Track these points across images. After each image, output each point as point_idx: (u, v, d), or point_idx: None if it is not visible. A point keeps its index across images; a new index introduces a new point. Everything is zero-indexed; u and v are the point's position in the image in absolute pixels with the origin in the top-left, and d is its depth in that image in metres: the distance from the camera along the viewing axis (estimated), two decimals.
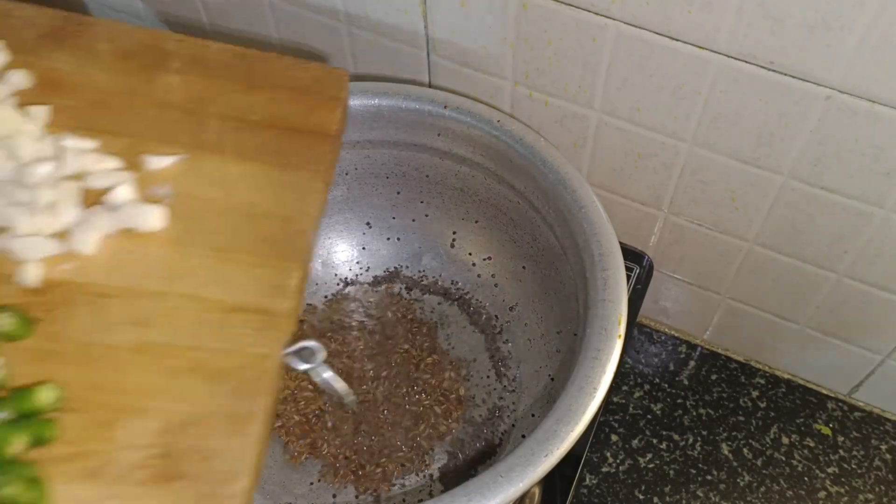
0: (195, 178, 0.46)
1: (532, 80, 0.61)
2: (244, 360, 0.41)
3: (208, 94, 0.49)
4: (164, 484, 0.38)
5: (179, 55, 0.50)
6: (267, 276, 0.44)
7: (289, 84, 0.51)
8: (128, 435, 0.39)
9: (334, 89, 0.51)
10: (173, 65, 0.50)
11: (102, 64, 0.49)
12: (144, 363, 0.41)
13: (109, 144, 0.46)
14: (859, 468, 0.70)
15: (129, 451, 0.38)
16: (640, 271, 0.71)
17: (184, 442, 0.39)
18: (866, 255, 0.60)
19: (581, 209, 0.56)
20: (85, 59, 0.49)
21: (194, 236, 0.45)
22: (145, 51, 0.50)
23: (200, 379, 0.41)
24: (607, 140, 0.62)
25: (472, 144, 0.62)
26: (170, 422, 0.39)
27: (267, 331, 0.42)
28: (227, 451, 0.39)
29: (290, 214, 0.46)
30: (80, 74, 0.49)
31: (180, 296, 0.43)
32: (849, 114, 0.51)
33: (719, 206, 0.63)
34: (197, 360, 0.41)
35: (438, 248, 0.71)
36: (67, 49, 0.49)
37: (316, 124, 0.49)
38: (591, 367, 0.49)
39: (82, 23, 0.50)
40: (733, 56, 0.51)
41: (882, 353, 0.68)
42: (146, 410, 0.40)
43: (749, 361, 0.77)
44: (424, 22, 0.61)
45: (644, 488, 0.69)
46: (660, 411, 0.73)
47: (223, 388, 0.40)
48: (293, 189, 0.47)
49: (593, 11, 0.53)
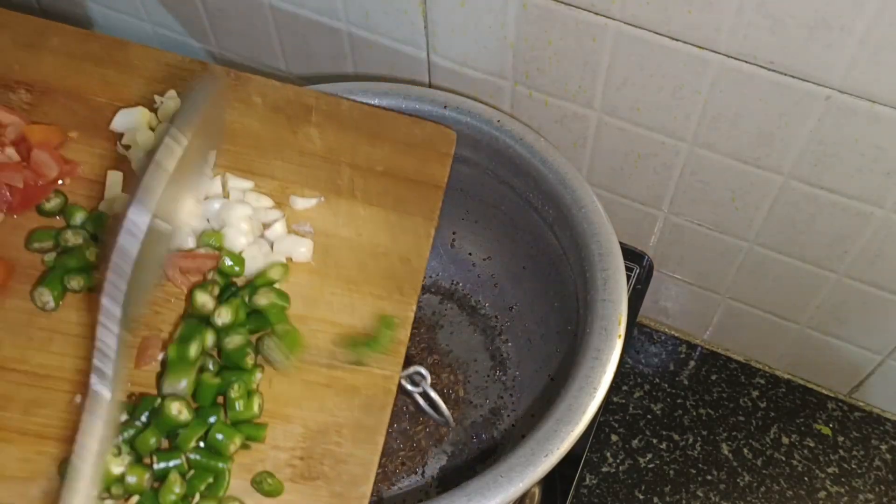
0: (331, 218, 0.53)
1: (532, 80, 0.61)
2: (371, 379, 0.47)
3: (341, 145, 0.56)
4: (304, 482, 0.44)
5: (318, 110, 0.57)
6: (388, 307, 0.50)
7: (406, 139, 0.57)
8: (277, 437, 0.45)
9: (445, 146, 0.57)
10: (313, 118, 0.57)
11: (256, 115, 0.56)
12: (289, 377, 0.47)
13: (262, 185, 0.53)
14: (859, 468, 0.70)
15: (277, 451, 0.44)
16: (640, 271, 0.71)
17: (321, 447, 0.45)
18: (866, 255, 0.60)
19: (581, 209, 0.56)
20: (243, 110, 0.56)
21: (330, 269, 0.51)
22: (290, 105, 0.57)
23: (334, 393, 0.47)
24: (607, 140, 0.62)
25: (472, 144, 0.62)
26: (309, 428, 0.45)
27: (388, 355, 0.48)
28: (357, 457, 0.45)
29: (407, 255, 0.52)
30: (239, 123, 0.55)
31: (319, 320, 0.49)
32: (849, 114, 0.51)
33: (719, 206, 0.63)
34: (332, 377, 0.47)
35: (438, 248, 0.71)
36: (228, 102, 0.56)
37: (429, 176, 0.56)
38: (591, 367, 0.49)
39: (239, 77, 0.57)
40: (733, 56, 0.51)
41: (882, 353, 0.68)
42: (290, 417, 0.45)
43: (749, 361, 0.77)
44: (424, 22, 0.61)
45: (644, 488, 0.69)
46: (660, 411, 0.73)
47: (354, 402, 0.46)
48: (410, 232, 0.53)
49: (593, 11, 0.53)
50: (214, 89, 0.49)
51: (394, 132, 0.57)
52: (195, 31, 0.75)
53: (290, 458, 0.44)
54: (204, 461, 0.43)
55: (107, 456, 0.41)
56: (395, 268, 0.51)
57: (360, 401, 0.46)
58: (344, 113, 0.57)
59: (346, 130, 0.56)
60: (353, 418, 0.46)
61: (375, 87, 0.62)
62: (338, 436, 0.45)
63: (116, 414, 0.42)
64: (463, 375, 0.66)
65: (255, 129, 0.55)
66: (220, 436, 0.43)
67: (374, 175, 0.55)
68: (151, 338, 0.46)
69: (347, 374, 0.47)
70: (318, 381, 0.47)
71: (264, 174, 0.54)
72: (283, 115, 0.56)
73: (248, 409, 0.44)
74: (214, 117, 0.50)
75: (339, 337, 0.48)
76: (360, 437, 0.45)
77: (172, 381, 0.44)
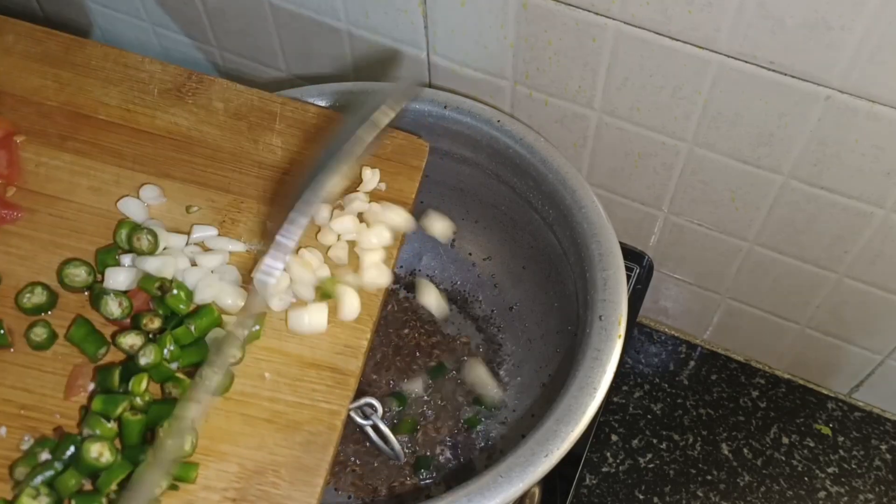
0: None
1: (532, 80, 0.61)
2: (315, 414, 0.45)
3: (304, 156, 0.53)
4: None
5: (283, 116, 0.55)
6: (342, 336, 0.48)
7: (376, 152, 0.54)
8: (209, 477, 0.42)
9: (416, 159, 0.55)
10: (277, 126, 0.55)
11: (216, 121, 0.54)
12: (227, 410, 0.45)
13: (216, 199, 0.52)
14: (859, 468, 0.70)
15: (209, 491, 0.42)
16: (640, 271, 0.71)
17: (256, 488, 0.42)
18: (866, 255, 0.60)
19: (581, 209, 0.56)
20: (202, 116, 0.54)
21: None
22: (253, 111, 0.55)
23: (275, 429, 0.44)
24: (607, 140, 0.62)
25: (472, 144, 0.62)
26: (245, 468, 0.43)
27: (337, 388, 0.46)
28: (294, 499, 0.42)
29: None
30: (197, 131, 0.53)
31: (264, 349, 0.47)
32: (849, 114, 0.51)
33: (719, 206, 0.63)
34: (274, 412, 0.45)
35: (438, 248, 0.71)
36: (187, 106, 0.54)
37: (396, 192, 0.54)
38: (591, 367, 0.49)
39: (202, 80, 0.55)
40: (733, 56, 0.51)
41: (882, 353, 0.68)
42: (225, 455, 0.43)
43: (749, 361, 0.77)
44: (424, 22, 0.61)
45: (644, 488, 0.69)
46: (660, 411, 0.73)
47: (295, 439, 0.44)
48: None
49: (593, 11, 0.53)
50: (413, 93, 0.48)
51: None
52: (195, 31, 0.75)
53: (222, 500, 0.42)
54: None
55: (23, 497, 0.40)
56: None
57: (301, 438, 0.44)
58: (310, 121, 0.55)
59: (311, 141, 0.54)
60: (293, 457, 0.43)
61: (375, 87, 0.62)
62: (275, 476, 0.43)
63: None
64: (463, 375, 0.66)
65: (214, 137, 0.53)
66: None
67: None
68: (82, 366, 0.45)
69: (291, 409, 0.45)
70: (258, 416, 0.45)
71: (219, 187, 0.52)
72: (245, 122, 0.54)
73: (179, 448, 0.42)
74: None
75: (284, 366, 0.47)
76: (299, 478, 0.43)
77: (94, 425, 0.42)
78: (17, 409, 0.44)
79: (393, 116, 0.46)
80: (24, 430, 0.43)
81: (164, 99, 0.54)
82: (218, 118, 0.54)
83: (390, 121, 0.47)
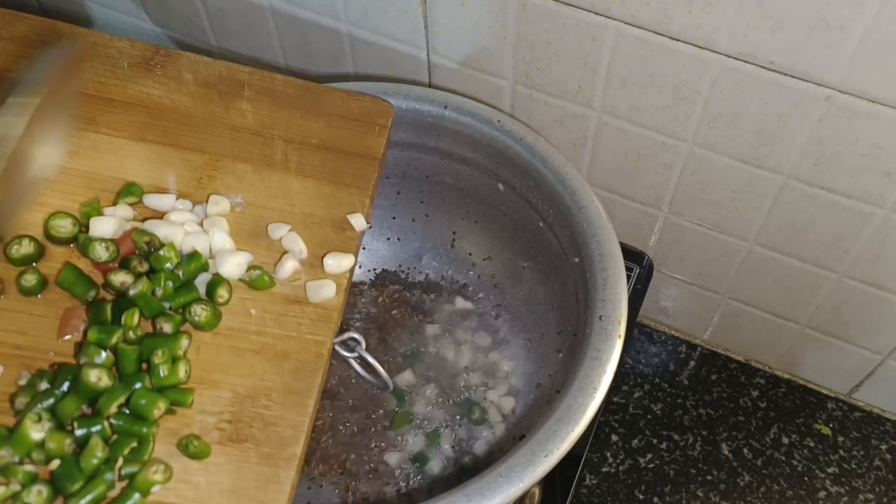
0: (263, 190, 0.53)
1: (532, 80, 0.61)
2: (302, 345, 0.48)
3: (274, 119, 0.56)
4: (233, 444, 0.44)
5: (251, 85, 0.57)
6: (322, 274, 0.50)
7: (342, 113, 0.58)
8: (204, 402, 0.45)
9: (382, 119, 0.58)
10: (246, 93, 0.57)
11: (186, 91, 0.56)
12: (217, 344, 0.47)
13: (192, 159, 0.54)
14: (859, 468, 0.70)
15: (204, 415, 0.45)
16: (640, 271, 0.71)
17: (250, 410, 0.45)
18: (866, 255, 0.60)
19: (581, 209, 0.56)
20: (172, 86, 0.56)
21: (261, 240, 0.51)
22: (222, 81, 0.57)
23: (264, 359, 0.47)
24: (607, 140, 0.62)
25: (472, 144, 0.62)
26: (237, 393, 0.46)
27: (321, 322, 0.49)
28: (287, 419, 0.45)
29: (341, 224, 0.53)
30: (169, 100, 0.55)
31: (248, 287, 0.49)
32: (849, 114, 0.51)
33: (719, 206, 0.63)
34: (262, 344, 0.47)
35: (438, 248, 0.71)
36: (157, 77, 0.56)
37: (365, 148, 0.56)
38: (591, 367, 0.49)
39: (169, 55, 0.57)
40: (733, 56, 0.51)
41: (882, 353, 0.68)
42: (218, 383, 0.46)
43: (749, 361, 0.77)
44: (424, 22, 0.61)
45: (644, 488, 0.69)
46: (660, 411, 0.73)
47: (284, 367, 0.47)
48: (345, 203, 0.54)
49: (593, 11, 0.53)
50: (69, 55, 0.48)
51: (329, 106, 0.57)
52: (195, 31, 0.75)
53: (218, 422, 0.44)
54: (126, 426, 0.43)
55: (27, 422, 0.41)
56: (329, 236, 0.52)
57: (290, 366, 0.47)
58: (278, 88, 0.57)
59: (280, 105, 0.57)
60: (283, 383, 0.46)
61: (375, 87, 0.62)
62: (267, 399, 0.45)
63: None
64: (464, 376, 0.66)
65: (185, 105, 0.55)
66: (143, 401, 0.43)
67: (308, 148, 0.55)
68: (75, 308, 0.46)
69: (277, 341, 0.47)
70: (247, 348, 0.47)
71: (194, 148, 0.54)
72: (215, 91, 0.56)
73: (174, 374, 0.44)
74: (66, 86, 0.50)
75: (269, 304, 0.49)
76: (291, 401, 0.46)
77: (91, 353, 0.44)
78: (12, 350, 0.45)
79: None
80: (21, 367, 0.44)
81: (134, 72, 0.56)
82: (188, 88, 0.56)
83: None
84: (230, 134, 0.55)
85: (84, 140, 0.52)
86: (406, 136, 0.63)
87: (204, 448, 0.43)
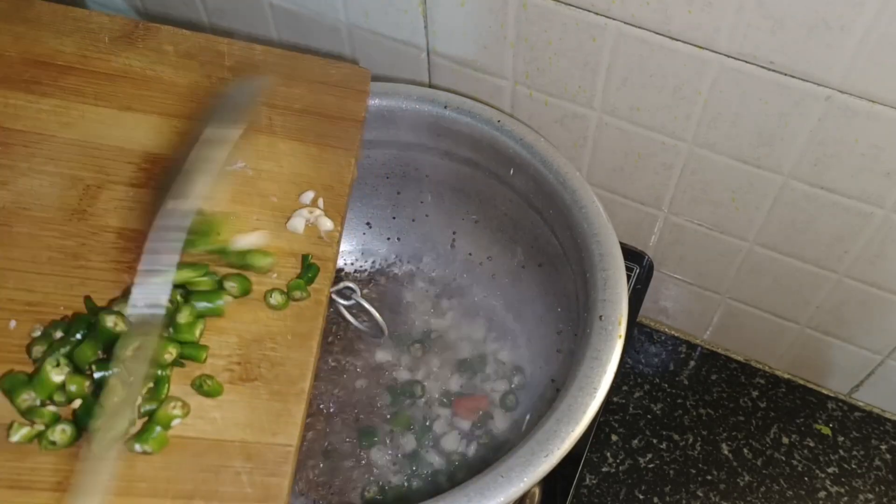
0: (252, 152, 0.55)
1: (532, 80, 0.61)
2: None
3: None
4: (243, 383, 0.46)
5: (231, 55, 0.59)
6: (315, 230, 0.53)
7: (323, 80, 0.60)
8: (213, 347, 0.47)
9: (361, 84, 0.60)
10: (227, 63, 0.59)
11: (168, 62, 0.58)
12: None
13: (179, 126, 0.55)
14: (859, 468, 0.70)
15: (214, 359, 0.47)
16: (640, 271, 0.71)
17: (257, 353, 0.48)
18: (866, 255, 0.60)
19: (581, 209, 0.56)
20: (154, 58, 0.58)
21: (253, 198, 0.53)
22: (203, 52, 0.59)
23: (266, 306, 0.49)
24: (607, 140, 0.62)
25: (472, 144, 0.62)
26: (244, 338, 0.48)
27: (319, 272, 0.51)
28: (293, 359, 0.48)
29: (329, 183, 0.55)
30: (151, 71, 0.57)
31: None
32: (849, 114, 0.51)
33: (719, 206, 0.63)
34: (262, 293, 0.49)
35: (438, 248, 0.71)
36: (139, 50, 0.58)
37: (347, 112, 0.59)
38: (591, 367, 0.49)
39: (149, 28, 0.59)
40: (733, 56, 0.51)
41: (882, 353, 0.68)
42: (224, 330, 0.48)
43: (749, 361, 0.77)
44: (424, 22, 0.61)
45: (644, 488, 0.69)
46: (660, 411, 0.73)
47: (286, 314, 0.49)
48: (331, 163, 0.56)
49: (593, 11, 0.53)
50: (260, 89, 0.52)
51: (309, 73, 0.59)
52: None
53: (228, 364, 0.47)
54: (141, 368, 0.44)
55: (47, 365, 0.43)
56: (319, 195, 0.54)
57: (291, 312, 0.49)
58: (258, 57, 0.59)
59: (261, 73, 0.59)
60: (286, 327, 0.49)
61: (375, 87, 0.62)
62: (272, 342, 0.48)
63: None
64: (463, 375, 0.66)
65: (168, 75, 0.57)
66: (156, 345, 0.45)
67: (292, 113, 0.57)
68: None
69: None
70: (249, 298, 0.49)
71: (179, 115, 0.55)
72: (196, 61, 0.58)
73: (189, 333, 0.46)
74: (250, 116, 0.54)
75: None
76: (295, 343, 0.48)
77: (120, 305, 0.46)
78: (23, 306, 0.46)
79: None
80: (33, 321, 0.46)
81: (115, 45, 0.58)
82: (170, 59, 0.58)
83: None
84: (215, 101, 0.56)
85: (73, 111, 0.54)
86: (406, 136, 0.63)
87: (217, 387, 0.45)
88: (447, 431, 0.64)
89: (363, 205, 0.70)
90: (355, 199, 0.69)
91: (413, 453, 0.62)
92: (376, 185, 0.68)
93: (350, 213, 0.70)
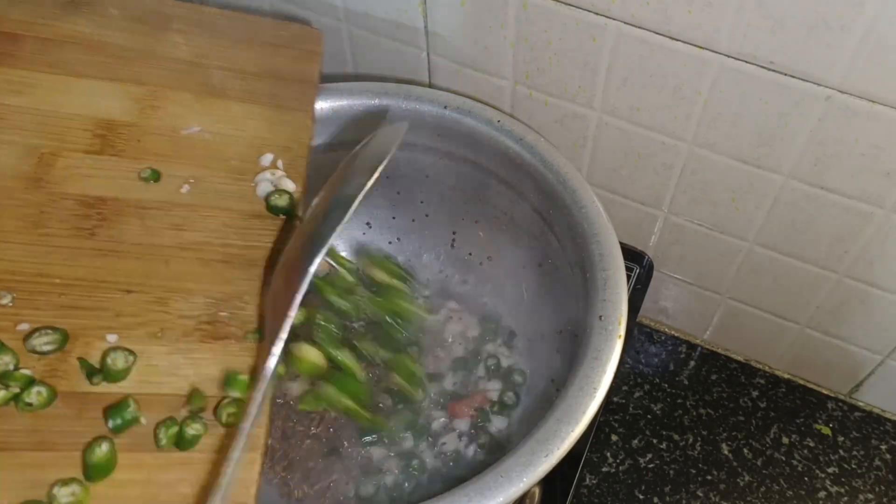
0: (209, 117, 0.55)
1: (532, 80, 0.61)
2: (267, 254, 0.50)
3: (208, 49, 0.58)
4: (215, 341, 0.47)
5: (180, 17, 0.59)
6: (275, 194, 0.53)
7: (274, 41, 0.60)
8: (182, 308, 0.47)
9: (312, 44, 0.61)
10: (175, 26, 0.59)
11: (116, 26, 0.57)
12: (186, 257, 0.49)
13: (133, 91, 0.55)
14: (859, 468, 0.70)
15: (184, 319, 0.47)
16: (640, 271, 0.71)
17: (226, 311, 0.47)
18: (866, 255, 0.60)
19: (581, 209, 0.56)
20: (101, 22, 0.57)
21: (213, 162, 0.53)
22: (151, 14, 0.59)
23: (232, 267, 0.49)
24: (607, 140, 0.62)
25: (472, 144, 0.62)
26: (212, 297, 0.48)
27: (282, 232, 0.51)
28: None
29: (288, 145, 0.55)
30: (100, 35, 0.57)
31: (209, 207, 0.51)
32: (849, 114, 0.51)
33: (719, 206, 0.63)
34: (228, 254, 0.50)
35: (438, 249, 0.71)
36: (84, 15, 0.57)
37: (300, 73, 0.59)
38: (591, 367, 0.49)
39: None
40: (733, 56, 0.51)
41: (882, 353, 0.68)
42: (192, 291, 0.48)
43: (749, 361, 0.77)
44: (424, 22, 0.61)
45: (644, 488, 0.69)
46: (660, 411, 0.73)
47: (253, 273, 0.49)
48: (288, 124, 0.56)
49: (593, 11, 0.53)
50: (401, 135, 0.52)
51: (261, 35, 0.60)
52: None
53: (198, 324, 0.47)
54: None
55: None
56: (279, 157, 0.54)
57: (258, 272, 0.49)
58: (207, 19, 0.60)
59: (212, 36, 0.59)
60: (254, 287, 0.48)
61: (375, 86, 0.62)
62: (241, 301, 0.48)
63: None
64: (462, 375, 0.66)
65: (118, 39, 0.57)
66: None
67: (245, 75, 0.57)
68: None
69: (244, 251, 0.50)
70: (214, 259, 0.49)
71: (132, 80, 0.55)
72: (146, 24, 0.58)
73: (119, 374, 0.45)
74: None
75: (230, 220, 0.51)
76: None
77: None
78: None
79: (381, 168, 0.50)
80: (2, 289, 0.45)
81: (61, 10, 0.57)
82: (118, 23, 0.58)
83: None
84: (166, 65, 0.56)
85: (27, 79, 0.53)
86: (406, 136, 0.63)
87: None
88: (446, 432, 0.64)
89: (363, 205, 0.69)
90: None
91: (412, 453, 0.62)
92: (376, 185, 0.68)
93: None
